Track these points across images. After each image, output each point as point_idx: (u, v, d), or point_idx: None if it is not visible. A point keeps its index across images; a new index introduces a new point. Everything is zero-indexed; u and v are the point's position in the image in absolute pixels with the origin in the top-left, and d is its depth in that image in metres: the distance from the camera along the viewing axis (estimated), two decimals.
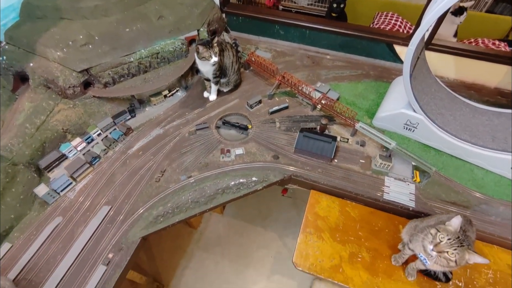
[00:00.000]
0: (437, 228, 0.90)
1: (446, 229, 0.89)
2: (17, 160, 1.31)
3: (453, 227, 0.89)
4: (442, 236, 0.88)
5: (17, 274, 1.13)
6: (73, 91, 1.50)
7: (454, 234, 0.87)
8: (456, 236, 0.87)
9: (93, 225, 1.24)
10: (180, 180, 1.36)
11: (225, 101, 1.69)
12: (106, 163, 1.45)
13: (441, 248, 0.87)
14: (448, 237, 0.87)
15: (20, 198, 1.28)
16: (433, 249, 0.88)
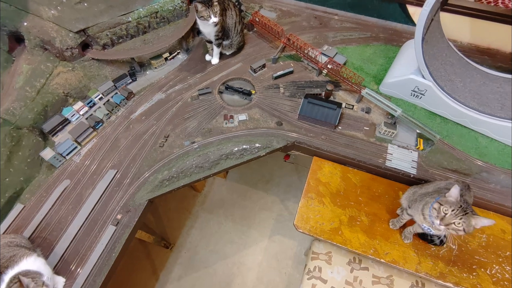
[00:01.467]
0: (439, 201, 0.91)
1: (447, 201, 0.91)
2: (20, 124, 1.31)
3: (453, 197, 0.90)
4: (446, 208, 0.89)
5: (32, 232, 1.19)
6: (71, 53, 1.45)
7: (456, 204, 0.89)
8: (459, 206, 0.88)
9: (101, 188, 1.28)
10: (184, 145, 1.37)
11: (228, 65, 1.64)
12: (109, 128, 1.45)
13: (447, 220, 0.89)
14: (451, 208, 0.89)
15: (28, 162, 1.31)
16: (440, 224, 0.90)
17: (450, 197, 0.91)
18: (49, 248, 1.16)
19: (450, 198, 0.91)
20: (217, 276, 2.00)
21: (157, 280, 2.00)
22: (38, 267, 1.00)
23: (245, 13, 1.78)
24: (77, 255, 1.15)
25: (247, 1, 1.92)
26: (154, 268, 2.04)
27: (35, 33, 1.39)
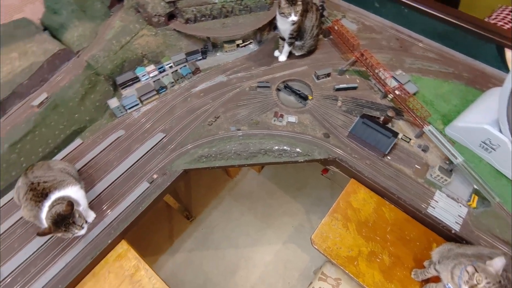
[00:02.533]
0: (475, 266, 0.81)
1: (485, 269, 0.80)
2: (100, 71, 1.48)
3: (494, 268, 0.80)
4: (480, 278, 0.79)
5: (81, 166, 1.34)
6: (158, 20, 1.59)
7: (494, 277, 0.78)
8: (497, 281, 0.78)
9: (147, 146, 1.39)
10: (230, 130, 1.41)
11: (294, 65, 1.64)
12: (170, 95, 1.56)
13: None
14: (487, 280, 0.78)
15: (96, 105, 1.47)
16: None
17: (490, 267, 0.81)
18: (90, 184, 1.30)
19: (489, 268, 0.81)
20: (224, 261, 2.05)
21: (171, 245, 2.12)
22: (78, 197, 1.13)
23: (326, 18, 1.76)
24: (111, 198, 1.27)
25: (331, 7, 1.89)
26: (171, 234, 2.16)
27: None
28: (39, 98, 1.32)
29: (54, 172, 1.16)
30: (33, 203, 1.06)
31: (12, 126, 1.27)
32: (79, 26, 1.54)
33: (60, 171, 1.19)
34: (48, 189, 1.08)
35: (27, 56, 1.36)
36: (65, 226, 1.02)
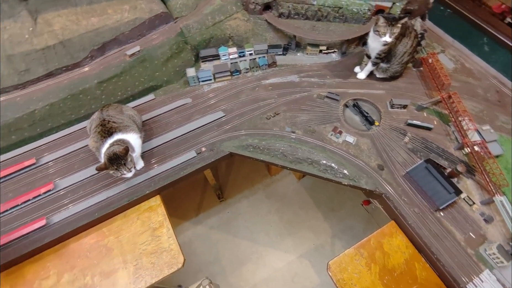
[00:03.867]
0: None
1: None
2: (189, 40, 1.59)
3: None
4: None
5: (146, 119, 1.48)
6: (254, 7, 1.64)
7: None
8: None
9: (206, 120, 1.47)
10: (285, 129, 1.42)
11: (370, 86, 1.56)
12: (241, 80, 1.62)
13: None
14: None
15: (176, 69, 1.59)
16: None
17: None
18: (149, 137, 1.43)
19: None
20: (237, 250, 2.09)
21: (196, 216, 2.23)
22: (135, 144, 1.25)
23: (422, 48, 1.63)
24: (161, 155, 1.38)
25: (432, 39, 1.74)
26: (200, 206, 2.27)
27: None
28: (132, 49, 1.48)
29: (123, 116, 1.30)
30: (99, 137, 1.21)
31: (104, 67, 1.45)
32: None
33: (129, 117, 1.32)
34: (114, 129, 1.22)
35: (135, 10, 1.53)
36: (117, 165, 1.14)
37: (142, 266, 1.19)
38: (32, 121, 1.38)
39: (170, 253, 1.21)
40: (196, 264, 2.02)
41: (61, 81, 1.41)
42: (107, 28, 1.46)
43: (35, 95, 1.37)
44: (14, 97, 1.37)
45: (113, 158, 1.14)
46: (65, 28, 1.41)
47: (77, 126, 1.47)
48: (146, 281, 1.16)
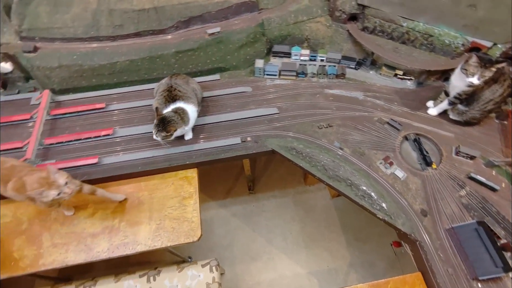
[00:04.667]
0: None
1: None
2: (266, 33, 1.62)
3: None
4: None
5: (207, 96, 1.56)
6: (339, 15, 1.61)
7: None
8: None
9: (259, 112, 1.50)
10: (333, 143, 1.38)
11: (439, 125, 1.44)
12: (304, 83, 1.61)
13: None
14: None
15: (246, 58, 1.64)
16: None
17: None
18: (203, 113, 1.50)
19: None
20: (251, 244, 2.11)
21: (223, 199, 2.29)
22: (191, 116, 1.34)
23: None
24: (208, 133, 1.45)
25: None
26: (229, 191, 2.33)
27: None
28: (213, 29, 1.55)
29: (188, 88, 1.39)
30: (164, 100, 1.32)
31: (184, 39, 1.56)
32: None
33: (192, 90, 1.41)
34: (178, 97, 1.31)
35: None
36: (158, 122, 1.24)
37: (163, 228, 1.27)
38: (112, 70, 1.55)
39: (190, 224, 1.27)
40: (210, 243, 2.10)
41: (145, 42, 1.55)
42: (197, 4, 1.56)
43: (121, 49, 1.53)
44: (104, 46, 1.54)
45: (165, 123, 1.23)
46: None
47: (146, 86, 1.61)
48: (163, 242, 1.24)
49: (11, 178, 1.06)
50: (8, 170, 1.07)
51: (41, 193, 0.99)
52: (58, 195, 1.01)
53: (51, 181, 1.00)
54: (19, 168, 1.09)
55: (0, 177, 1.07)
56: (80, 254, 1.22)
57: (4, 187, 1.07)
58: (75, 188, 1.07)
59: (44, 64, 1.49)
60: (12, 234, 1.27)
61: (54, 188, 1.00)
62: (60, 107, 1.55)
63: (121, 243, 1.24)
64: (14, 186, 1.05)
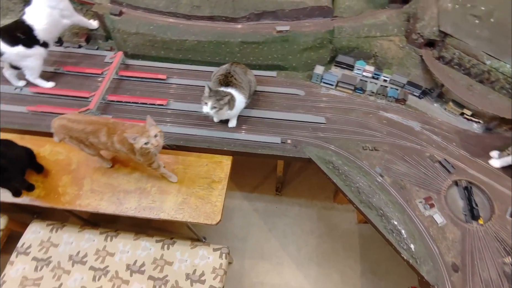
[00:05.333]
0: None
1: None
2: (334, 41, 1.59)
3: None
4: None
5: (258, 90, 1.58)
6: (416, 38, 1.52)
7: None
8: None
9: (306, 118, 1.48)
10: (374, 168, 1.32)
11: (498, 179, 1.29)
12: (360, 100, 1.55)
13: None
14: None
15: (307, 61, 1.63)
16: None
17: None
18: (251, 106, 1.53)
19: None
20: (265, 244, 2.11)
21: (249, 192, 2.32)
22: (238, 105, 1.38)
23: None
24: (251, 126, 1.48)
25: None
26: (256, 187, 2.35)
27: (423, 7, 1.50)
28: (283, 27, 1.56)
29: (245, 78, 1.43)
30: (218, 82, 1.39)
31: (253, 31, 1.59)
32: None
33: (248, 82, 1.44)
34: (232, 84, 1.36)
35: None
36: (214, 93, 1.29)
37: (188, 203, 1.33)
38: (180, 47, 1.64)
39: (213, 207, 1.32)
40: (226, 231, 2.14)
41: (216, 27, 1.61)
42: (273, 0, 1.58)
43: (192, 28, 1.61)
44: (179, 23, 1.64)
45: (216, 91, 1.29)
46: None
47: (206, 68, 1.68)
48: (184, 216, 1.30)
49: (116, 132, 1.17)
50: (113, 125, 1.19)
51: (134, 138, 1.08)
52: (146, 144, 1.09)
53: (145, 130, 1.10)
54: (121, 124, 1.19)
55: (103, 131, 1.18)
56: (111, 205, 1.33)
57: (110, 141, 1.18)
58: (161, 143, 1.15)
59: (124, 28, 1.63)
60: (61, 171, 1.43)
61: (145, 136, 1.09)
62: (127, 69, 1.69)
63: (148, 206, 1.33)
64: (118, 139, 1.16)
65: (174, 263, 1.46)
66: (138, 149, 1.12)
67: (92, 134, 1.18)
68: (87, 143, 1.23)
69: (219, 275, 1.43)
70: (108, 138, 1.18)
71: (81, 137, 1.21)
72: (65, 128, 1.20)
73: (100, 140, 1.19)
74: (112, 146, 1.19)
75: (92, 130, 1.18)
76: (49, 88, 1.60)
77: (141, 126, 1.12)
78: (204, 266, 1.45)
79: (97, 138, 1.18)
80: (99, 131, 1.18)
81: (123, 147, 1.18)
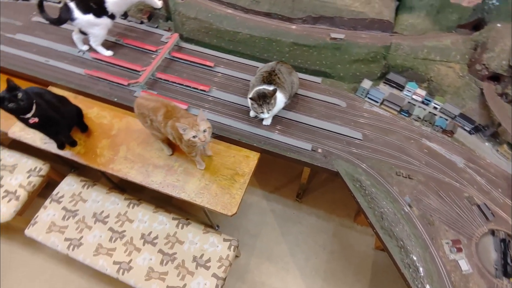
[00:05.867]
0: None
1: None
2: (388, 58, 1.53)
3: None
4: None
5: (299, 94, 1.56)
6: (479, 69, 1.41)
7: None
8: None
9: (342, 130, 1.44)
10: (404, 196, 1.25)
11: None
12: (403, 122, 1.47)
13: None
14: None
15: (356, 73, 1.58)
16: None
17: None
18: (289, 107, 1.52)
19: None
20: (274, 246, 2.11)
21: (269, 192, 2.32)
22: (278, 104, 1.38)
23: None
24: (285, 127, 1.47)
25: None
26: (277, 188, 2.34)
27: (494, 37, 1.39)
28: (337, 35, 1.53)
29: (288, 79, 1.43)
30: (260, 79, 1.39)
31: (306, 34, 1.57)
32: (419, 18, 1.57)
33: (290, 82, 1.44)
34: (274, 83, 1.37)
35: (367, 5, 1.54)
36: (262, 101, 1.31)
37: (209, 190, 1.36)
38: (232, 38, 1.67)
39: (231, 199, 1.34)
40: (239, 224, 2.17)
41: (270, 24, 1.62)
42: (333, 6, 1.55)
43: (248, 22, 1.63)
44: (236, 15, 1.67)
45: (262, 96, 1.30)
46: None
47: (252, 62, 1.70)
48: (203, 201, 1.34)
49: (172, 116, 1.23)
50: (172, 108, 1.25)
51: (184, 129, 1.12)
52: (194, 138, 1.13)
53: (196, 123, 1.13)
54: (178, 110, 1.25)
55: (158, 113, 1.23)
56: (139, 175, 1.41)
57: (165, 123, 1.24)
58: (208, 139, 1.18)
59: (184, 12, 1.69)
60: (103, 134, 1.54)
61: (194, 130, 1.13)
62: (180, 51, 1.76)
63: (172, 183, 1.38)
64: (171, 124, 1.22)
65: (185, 243, 1.51)
66: (185, 140, 1.15)
67: (152, 111, 1.25)
68: (148, 121, 1.29)
69: (224, 266, 1.45)
70: (163, 119, 1.23)
71: (145, 114, 1.27)
72: (139, 104, 1.28)
73: (157, 118, 1.24)
74: (164, 128, 1.25)
75: (153, 108, 1.24)
76: (107, 56, 1.72)
77: (193, 119, 1.16)
78: (212, 253, 1.48)
79: (155, 116, 1.24)
80: (158, 110, 1.23)
81: (173, 133, 1.22)
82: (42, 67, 1.70)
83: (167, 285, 1.41)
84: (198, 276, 1.43)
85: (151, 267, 1.45)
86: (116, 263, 1.47)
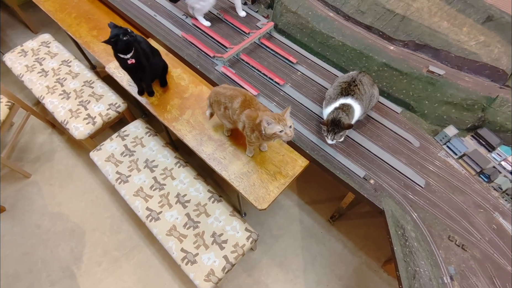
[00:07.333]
0: None
1: None
2: (488, 110, 1.34)
3: None
4: None
5: (371, 117, 1.47)
6: None
7: None
8: None
9: (406, 171, 1.32)
10: (448, 266, 1.10)
11: None
12: (478, 186, 1.29)
13: None
14: None
15: (442, 116, 1.42)
16: None
17: None
18: (356, 127, 1.44)
19: None
20: (290, 256, 2.07)
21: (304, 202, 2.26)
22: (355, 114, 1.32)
23: None
24: (344, 146, 1.40)
25: None
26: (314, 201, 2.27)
27: None
28: (437, 69, 1.39)
29: (369, 92, 1.36)
30: (339, 90, 1.34)
31: (402, 59, 1.46)
32: None
33: (370, 96, 1.36)
34: (353, 94, 1.31)
35: (483, 48, 1.35)
36: (332, 128, 1.27)
37: (248, 178, 1.38)
38: (324, 41, 1.64)
39: (266, 194, 1.34)
40: (264, 220, 2.17)
41: (368, 38, 1.54)
42: (443, 38, 1.40)
43: (345, 30, 1.58)
44: (335, 19, 1.62)
45: (335, 123, 1.26)
46: (418, 9, 1.45)
47: (335, 71, 1.65)
48: (239, 186, 1.36)
49: (250, 106, 1.26)
50: (250, 98, 1.28)
51: (270, 123, 1.13)
52: (280, 132, 1.14)
53: (282, 118, 1.14)
54: (256, 101, 1.29)
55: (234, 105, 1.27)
56: (193, 141, 1.50)
57: (240, 111, 1.27)
58: (292, 135, 1.17)
59: (287, 4, 1.71)
60: (177, 93, 1.66)
61: (281, 125, 1.13)
62: (269, 40, 1.79)
63: (218, 159, 1.44)
64: (248, 114, 1.24)
65: (210, 217, 1.57)
66: (266, 133, 1.15)
67: (229, 98, 1.29)
68: (221, 109, 1.33)
69: (237, 253, 1.48)
70: (239, 107, 1.26)
71: (221, 101, 1.32)
72: (217, 92, 1.34)
73: (232, 105, 1.28)
74: (238, 116, 1.28)
75: (231, 95, 1.28)
76: (205, 26, 1.83)
77: (278, 114, 1.15)
78: (231, 236, 1.52)
79: (231, 103, 1.28)
80: (235, 98, 1.27)
81: (246, 122, 1.24)
82: (149, 19, 1.89)
83: (182, 247, 1.49)
84: (211, 251, 1.48)
85: (175, 225, 1.55)
86: (148, 209, 1.60)
